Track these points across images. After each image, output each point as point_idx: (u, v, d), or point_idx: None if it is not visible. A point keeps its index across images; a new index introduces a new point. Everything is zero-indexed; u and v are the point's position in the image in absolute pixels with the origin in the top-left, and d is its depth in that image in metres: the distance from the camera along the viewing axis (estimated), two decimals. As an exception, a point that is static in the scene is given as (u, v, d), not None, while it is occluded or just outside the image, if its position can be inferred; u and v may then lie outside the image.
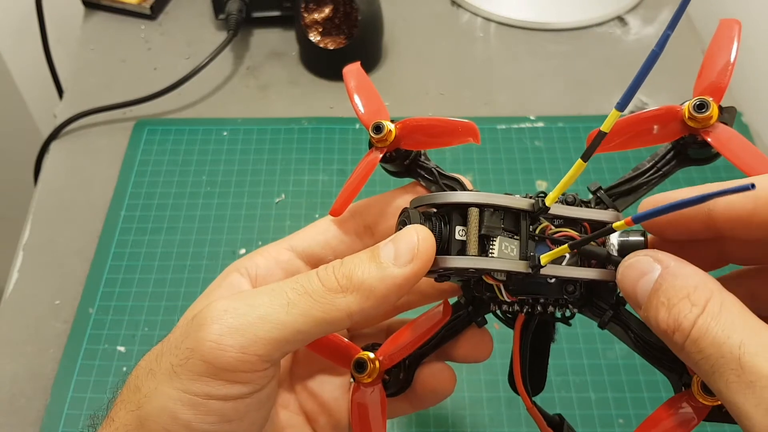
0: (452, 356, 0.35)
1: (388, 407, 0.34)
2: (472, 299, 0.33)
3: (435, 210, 0.30)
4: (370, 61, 0.72)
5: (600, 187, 0.31)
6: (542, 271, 0.28)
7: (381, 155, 0.32)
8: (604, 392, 0.50)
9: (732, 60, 0.28)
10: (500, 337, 0.38)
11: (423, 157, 0.33)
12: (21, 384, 0.51)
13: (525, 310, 0.31)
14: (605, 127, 0.25)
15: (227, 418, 0.27)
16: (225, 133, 0.67)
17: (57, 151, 0.66)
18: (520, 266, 0.28)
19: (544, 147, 0.64)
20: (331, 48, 0.69)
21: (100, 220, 0.60)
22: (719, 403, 0.26)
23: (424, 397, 0.34)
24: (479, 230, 0.28)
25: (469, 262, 0.28)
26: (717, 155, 0.29)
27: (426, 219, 0.29)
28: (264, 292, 0.27)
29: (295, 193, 0.62)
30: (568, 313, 0.31)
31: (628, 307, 0.30)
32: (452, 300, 0.34)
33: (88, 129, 0.67)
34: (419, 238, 0.27)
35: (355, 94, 0.33)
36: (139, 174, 0.63)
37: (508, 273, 0.28)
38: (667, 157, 0.30)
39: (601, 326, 0.31)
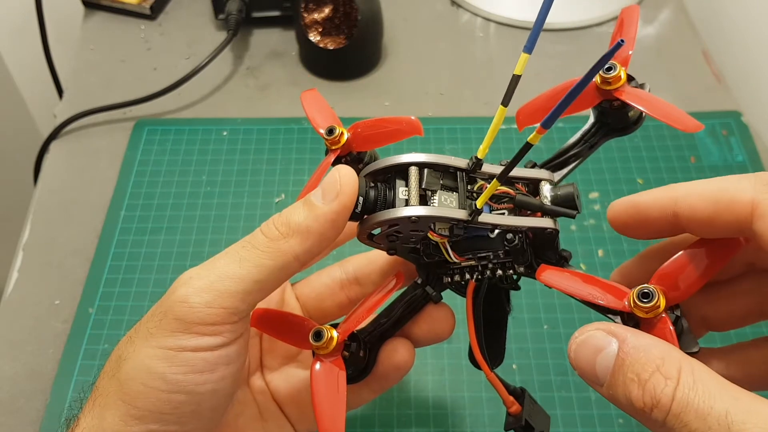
0: (414, 337, 0.36)
1: (356, 395, 0.36)
2: (427, 277, 0.35)
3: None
4: (370, 61, 0.72)
5: (535, 164, 0.34)
6: (482, 220, 0.30)
7: (334, 157, 0.34)
8: (604, 392, 0.50)
9: (633, 36, 0.32)
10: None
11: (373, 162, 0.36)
12: (21, 384, 0.51)
13: (475, 277, 0.33)
14: (518, 70, 0.28)
15: (198, 369, 0.30)
16: (225, 133, 0.67)
17: (57, 151, 0.66)
18: (460, 213, 0.30)
19: (543, 147, 0.64)
20: (331, 48, 0.69)
21: (100, 220, 0.60)
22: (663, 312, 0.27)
23: (387, 374, 0.36)
24: (419, 185, 0.31)
25: (411, 210, 0.30)
26: (636, 123, 0.32)
27: (372, 187, 0.31)
28: (220, 256, 0.31)
29: (295, 193, 0.62)
30: (515, 277, 0.33)
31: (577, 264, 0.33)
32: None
33: (88, 129, 0.67)
34: (340, 174, 0.30)
35: (314, 115, 0.37)
36: (139, 174, 0.63)
37: (450, 224, 0.30)
38: (592, 129, 0.33)
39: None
